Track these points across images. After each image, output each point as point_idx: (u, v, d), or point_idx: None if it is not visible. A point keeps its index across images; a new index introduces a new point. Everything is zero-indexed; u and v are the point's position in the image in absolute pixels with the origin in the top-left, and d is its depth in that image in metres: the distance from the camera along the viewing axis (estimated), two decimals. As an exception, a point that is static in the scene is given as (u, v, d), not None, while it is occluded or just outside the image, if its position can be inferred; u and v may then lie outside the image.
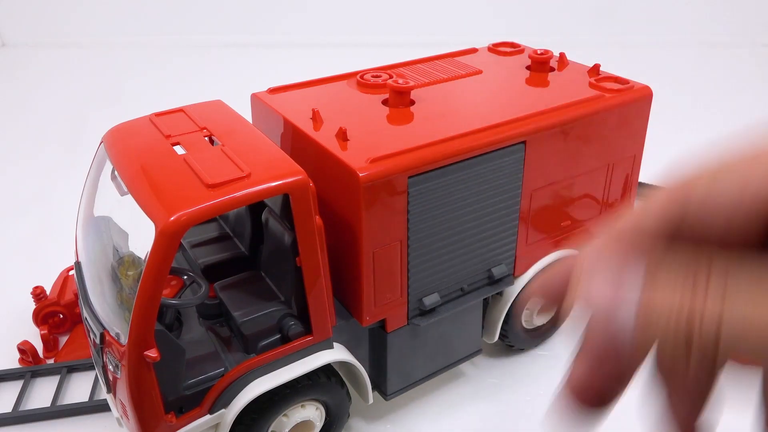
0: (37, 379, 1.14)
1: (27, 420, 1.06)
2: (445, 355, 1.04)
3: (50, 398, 1.08)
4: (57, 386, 1.10)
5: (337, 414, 0.95)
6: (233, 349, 0.85)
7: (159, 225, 0.70)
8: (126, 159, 0.82)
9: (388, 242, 0.85)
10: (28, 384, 1.12)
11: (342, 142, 0.86)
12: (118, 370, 0.75)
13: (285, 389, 0.86)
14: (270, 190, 0.75)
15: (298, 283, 0.82)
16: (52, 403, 1.07)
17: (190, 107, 0.94)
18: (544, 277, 0.34)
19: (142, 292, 0.70)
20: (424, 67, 1.13)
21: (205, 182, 0.74)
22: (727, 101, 2.42)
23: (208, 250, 1.00)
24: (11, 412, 1.06)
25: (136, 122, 0.91)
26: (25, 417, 1.06)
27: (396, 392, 1.00)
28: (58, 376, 1.13)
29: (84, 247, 0.90)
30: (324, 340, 0.87)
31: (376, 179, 0.80)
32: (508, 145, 0.91)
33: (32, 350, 1.15)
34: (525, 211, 0.98)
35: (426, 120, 0.93)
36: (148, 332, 0.72)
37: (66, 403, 1.08)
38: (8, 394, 1.11)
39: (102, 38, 3.16)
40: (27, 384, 1.11)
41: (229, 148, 0.81)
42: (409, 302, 0.92)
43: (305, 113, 0.95)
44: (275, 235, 0.88)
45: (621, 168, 1.08)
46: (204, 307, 0.90)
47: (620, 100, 1.02)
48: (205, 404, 0.81)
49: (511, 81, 1.08)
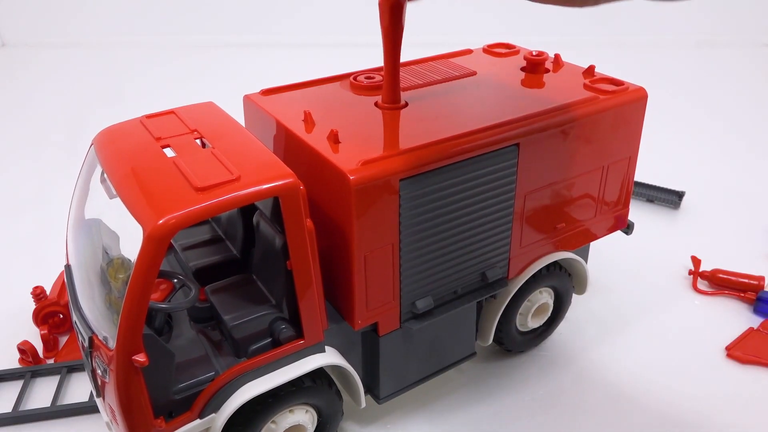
0: (37, 379, 1.14)
1: (27, 420, 1.06)
2: (438, 359, 1.03)
3: (50, 398, 1.08)
4: (57, 386, 1.10)
5: (329, 416, 0.95)
6: (224, 353, 0.85)
7: (147, 228, 0.69)
8: (115, 161, 0.81)
9: (379, 245, 0.85)
10: (28, 384, 1.12)
11: (333, 144, 0.85)
12: (106, 375, 0.75)
13: (277, 393, 0.86)
14: (259, 193, 0.75)
15: (289, 286, 0.82)
16: (52, 403, 1.07)
17: (181, 109, 0.94)
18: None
19: (130, 295, 0.70)
20: (418, 69, 1.12)
21: (194, 185, 0.73)
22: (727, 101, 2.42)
23: (200, 252, 0.99)
24: (11, 412, 1.06)
25: (126, 124, 0.90)
26: (25, 417, 1.06)
27: (389, 396, 1.00)
28: (58, 376, 1.13)
29: (74, 249, 0.90)
30: (316, 343, 0.87)
31: (367, 182, 0.79)
32: (501, 147, 0.90)
33: (32, 350, 1.15)
34: (519, 214, 0.98)
35: (419, 122, 0.93)
36: (137, 336, 0.71)
37: (66, 403, 1.08)
38: (8, 394, 1.11)
39: (102, 38, 3.16)
40: (27, 384, 1.11)
41: (220, 151, 0.81)
42: (402, 306, 0.92)
43: (297, 115, 0.94)
44: (266, 239, 0.87)
45: (616, 170, 1.07)
46: (195, 311, 0.89)
47: (615, 101, 1.01)
48: (195, 409, 0.80)
49: (505, 82, 1.07)
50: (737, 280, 1.34)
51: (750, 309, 1.31)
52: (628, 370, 1.16)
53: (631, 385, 1.13)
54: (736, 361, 1.17)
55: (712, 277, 1.36)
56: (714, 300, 1.34)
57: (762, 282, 1.32)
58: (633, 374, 1.15)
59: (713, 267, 1.38)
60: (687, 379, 1.14)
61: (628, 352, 1.20)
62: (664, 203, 1.66)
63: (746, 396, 1.11)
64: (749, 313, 1.30)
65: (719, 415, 1.07)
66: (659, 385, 1.13)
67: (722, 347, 1.21)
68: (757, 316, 1.29)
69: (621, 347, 1.21)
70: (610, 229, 1.14)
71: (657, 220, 1.62)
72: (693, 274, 1.38)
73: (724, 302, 1.33)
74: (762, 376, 1.15)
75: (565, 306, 1.18)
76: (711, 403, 1.09)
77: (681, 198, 1.65)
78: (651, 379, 1.14)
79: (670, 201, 1.65)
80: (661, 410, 1.08)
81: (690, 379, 1.14)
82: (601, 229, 1.13)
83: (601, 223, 1.12)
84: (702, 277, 1.38)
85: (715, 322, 1.28)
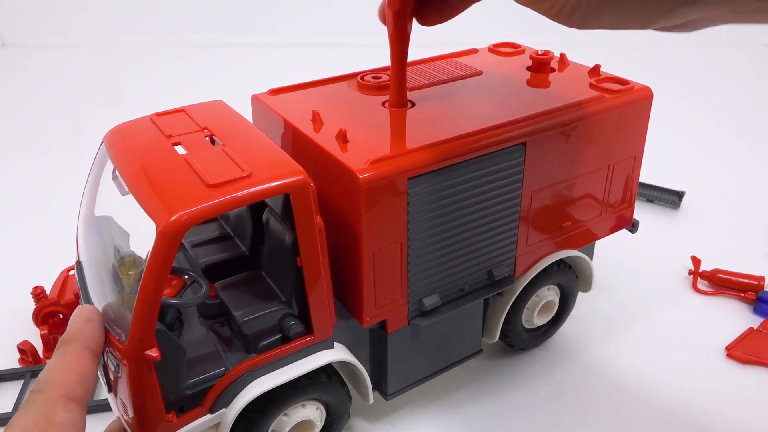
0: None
1: (27, 420, 1.06)
2: (445, 356, 1.04)
3: (50, 398, 1.09)
4: None
5: (337, 414, 0.95)
6: (234, 349, 0.86)
7: (160, 225, 0.70)
8: (127, 159, 0.82)
9: (388, 243, 0.85)
10: (28, 384, 1.12)
11: (342, 143, 0.86)
12: (119, 370, 0.75)
13: (286, 389, 0.86)
14: (271, 190, 0.76)
15: (299, 283, 0.82)
16: None
17: (190, 107, 0.95)
18: None
19: (143, 291, 0.70)
20: (425, 68, 1.13)
21: (206, 182, 0.74)
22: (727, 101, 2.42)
23: (209, 249, 1.00)
24: (11, 412, 1.06)
25: (137, 122, 0.91)
26: (25, 417, 1.06)
27: (396, 392, 1.00)
28: (58, 375, 1.14)
29: (85, 246, 0.91)
30: (325, 340, 0.87)
31: (376, 181, 0.80)
32: (508, 146, 0.91)
33: (32, 350, 1.16)
34: (525, 212, 0.99)
35: (426, 121, 0.93)
36: (149, 332, 0.72)
37: None
38: (8, 394, 1.11)
39: (102, 38, 3.16)
40: (27, 384, 1.12)
41: (230, 148, 0.81)
42: (410, 303, 0.92)
43: (305, 115, 0.95)
44: (276, 235, 0.88)
45: (621, 169, 1.08)
46: (205, 307, 0.90)
47: (620, 100, 1.02)
48: (205, 404, 0.81)
49: (511, 82, 1.08)
50: (737, 280, 1.35)
51: (750, 309, 1.31)
52: (629, 368, 1.17)
53: (632, 383, 1.14)
54: (736, 361, 1.18)
55: (712, 277, 1.37)
56: (714, 300, 1.34)
57: (762, 282, 1.33)
58: (634, 373, 1.16)
59: (713, 267, 1.39)
60: (687, 379, 1.14)
61: (629, 351, 1.21)
62: (664, 203, 1.66)
63: (746, 396, 1.11)
64: (749, 313, 1.30)
65: (719, 415, 1.07)
66: (659, 384, 1.13)
67: (722, 347, 1.21)
68: (757, 316, 1.29)
69: (621, 346, 1.22)
70: (615, 227, 1.15)
71: (657, 220, 1.62)
72: (693, 274, 1.38)
73: (724, 302, 1.34)
74: (762, 376, 1.15)
75: (571, 303, 1.19)
76: (711, 402, 1.10)
77: (681, 198, 1.65)
78: (651, 378, 1.15)
79: (670, 201, 1.65)
80: (662, 409, 1.08)
81: (690, 378, 1.15)
82: (607, 227, 1.13)
83: (606, 222, 1.12)
84: (702, 277, 1.39)
85: (715, 322, 1.28)
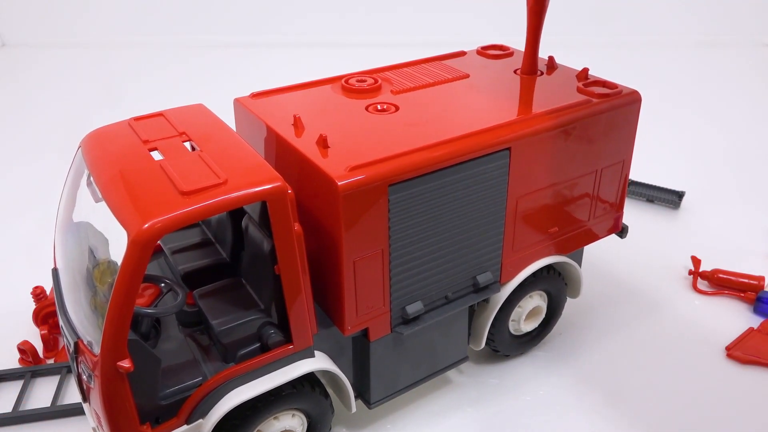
0: (37, 379, 1.14)
1: (27, 420, 1.05)
2: (430, 363, 1.02)
3: (50, 398, 1.08)
4: (57, 386, 1.10)
5: (318, 422, 0.94)
6: (212, 358, 0.84)
7: (131, 233, 0.69)
8: (102, 164, 0.81)
9: (369, 251, 0.84)
10: (28, 384, 1.11)
11: (322, 149, 0.85)
12: (91, 380, 0.74)
13: (266, 398, 0.85)
14: (246, 197, 0.74)
15: (278, 291, 0.81)
16: (52, 403, 1.07)
17: (170, 111, 0.93)
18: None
19: (114, 301, 0.69)
20: (411, 71, 1.12)
21: (179, 189, 0.73)
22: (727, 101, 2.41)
23: (189, 256, 0.98)
24: (11, 412, 1.05)
25: (114, 126, 0.89)
26: (25, 417, 1.05)
27: (380, 401, 0.99)
28: (58, 376, 1.13)
29: (62, 253, 0.89)
30: (305, 348, 0.86)
31: (355, 188, 0.79)
32: (492, 152, 0.89)
33: (32, 350, 1.15)
34: (511, 218, 0.97)
35: (410, 126, 0.92)
36: (121, 342, 0.71)
37: (66, 403, 1.07)
38: (8, 394, 1.10)
39: (102, 38, 3.15)
40: (27, 384, 1.11)
41: (207, 154, 0.80)
42: (392, 311, 0.91)
43: (287, 119, 0.93)
44: (254, 243, 0.86)
45: (610, 173, 1.06)
46: (183, 315, 0.89)
47: (608, 105, 1.00)
48: (182, 414, 0.80)
49: (498, 85, 1.07)
50: (737, 280, 1.34)
51: (750, 309, 1.30)
52: (628, 369, 1.15)
53: (631, 384, 1.12)
54: (736, 361, 1.17)
55: (712, 277, 1.36)
56: (714, 300, 1.33)
57: (762, 282, 1.32)
58: (633, 374, 1.14)
59: (713, 267, 1.38)
60: (687, 379, 1.13)
61: (628, 351, 1.20)
62: (664, 203, 1.65)
63: (746, 396, 1.10)
64: (749, 313, 1.29)
65: (719, 415, 1.06)
66: (659, 385, 1.12)
67: (722, 347, 1.20)
68: (757, 316, 1.28)
69: (621, 347, 1.21)
70: (604, 232, 1.14)
71: (657, 220, 1.61)
72: (693, 274, 1.37)
73: (724, 302, 1.33)
74: (762, 376, 1.14)
75: (559, 309, 1.17)
76: (711, 403, 1.09)
77: (681, 198, 1.64)
78: (651, 378, 1.13)
79: (670, 201, 1.64)
80: (661, 410, 1.07)
81: (690, 379, 1.14)
82: (595, 232, 1.12)
83: (594, 227, 1.11)
84: (702, 277, 1.37)
85: (715, 322, 1.27)
